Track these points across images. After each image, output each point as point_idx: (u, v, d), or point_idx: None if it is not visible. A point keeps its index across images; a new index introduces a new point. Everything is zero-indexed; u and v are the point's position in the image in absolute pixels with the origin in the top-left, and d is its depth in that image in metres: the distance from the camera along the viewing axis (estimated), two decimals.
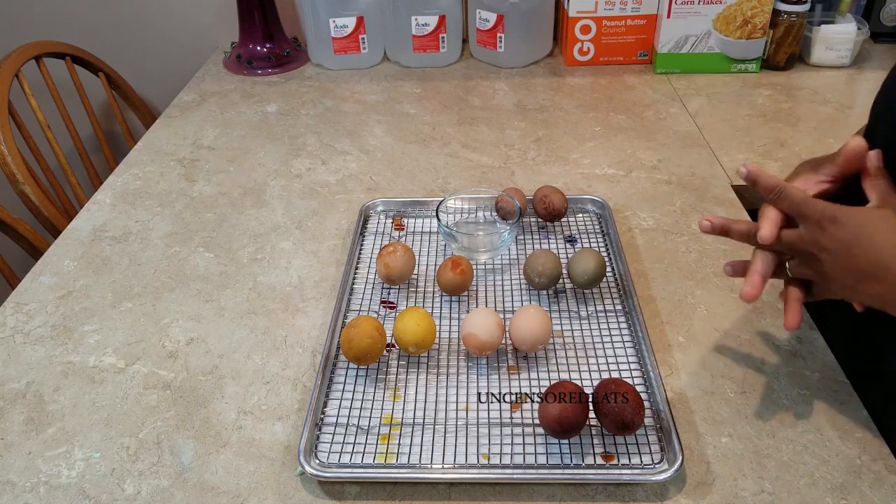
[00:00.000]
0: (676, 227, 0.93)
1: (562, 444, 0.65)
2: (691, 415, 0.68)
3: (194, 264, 0.91)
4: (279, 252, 0.92)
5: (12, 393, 0.74)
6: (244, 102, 1.31)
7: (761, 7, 1.25)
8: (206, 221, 0.99)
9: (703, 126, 1.16)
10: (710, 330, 0.77)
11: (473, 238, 0.86)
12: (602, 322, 0.78)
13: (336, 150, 1.15)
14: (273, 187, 1.06)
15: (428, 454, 0.64)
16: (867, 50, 1.37)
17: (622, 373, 0.72)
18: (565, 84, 1.33)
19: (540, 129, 1.18)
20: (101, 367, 0.76)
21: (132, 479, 0.64)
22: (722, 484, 0.62)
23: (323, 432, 0.67)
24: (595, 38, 1.35)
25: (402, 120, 1.23)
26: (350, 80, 1.38)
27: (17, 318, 0.83)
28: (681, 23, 1.28)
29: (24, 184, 1.15)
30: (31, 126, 1.30)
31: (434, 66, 1.42)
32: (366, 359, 0.70)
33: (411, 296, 0.83)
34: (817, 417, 0.67)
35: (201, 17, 1.53)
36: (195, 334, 0.80)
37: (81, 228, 0.98)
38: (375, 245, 0.90)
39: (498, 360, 0.74)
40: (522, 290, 0.83)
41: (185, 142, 1.19)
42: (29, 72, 1.32)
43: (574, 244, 0.90)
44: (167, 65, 1.59)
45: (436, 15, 1.35)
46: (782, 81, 1.29)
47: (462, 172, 1.07)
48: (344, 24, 1.37)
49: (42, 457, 0.67)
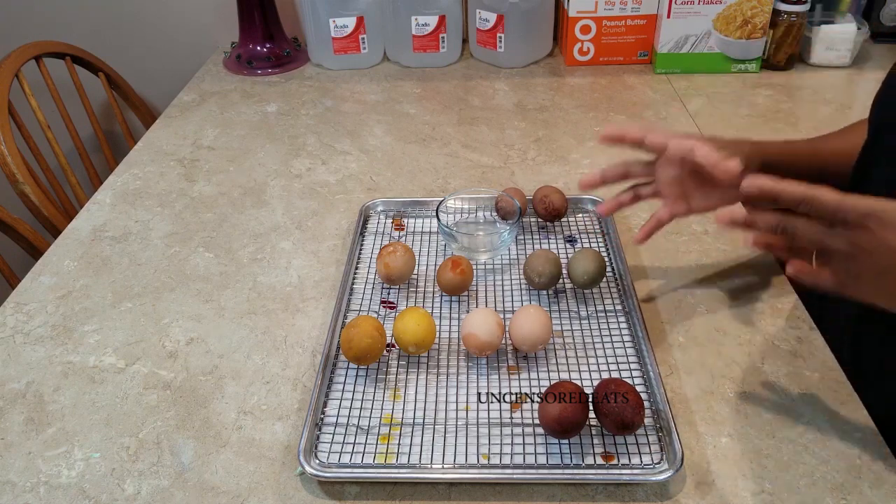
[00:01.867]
0: (676, 227, 0.93)
1: (562, 444, 0.65)
2: (691, 415, 0.68)
3: (194, 264, 0.91)
4: (279, 252, 0.92)
5: (12, 393, 0.74)
6: (244, 102, 1.31)
7: (761, 7, 1.25)
8: (206, 221, 0.99)
9: (703, 126, 1.16)
10: (710, 330, 0.77)
11: (473, 238, 0.86)
12: (602, 322, 0.78)
13: (336, 150, 1.15)
14: (273, 187, 1.06)
15: (428, 454, 0.64)
16: (867, 50, 1.37)
17: (622, 373, 0.72)
18: (565, 84, 1.33)
19: (540, 129, 1.18)
20: (101, 367, 0.76)
21: (132, 479, 0.64)
22: (722, 484, 0.62)
23: (323, 432, 0.67)
24: (595, 38, 1.35)
25: (402, 120, 1.23)
26: (350, 80, 1.38)
27: (17, 318, 0.83)
28: (681, 23, 1.28)
29: (24, 184, 1.15)
30: (31, 126, 1.30)
31: (434, 66, 1.42)
32: (366, 359, 0.70)
33: (411, 296, 0.83)
34: (817, 417, 0.67)
35: (201, 17, 1.53)
36: (195, 334, 0.80)
37: (81, 228, 0.98)
38: (375, 245, 0.90)
39: (498, 360, 0.74)
40: (522, 290, 0.83)
41: (185, 142, 1.19)
42: (29, 72, 1.32)
43: (574, 244, 0.90)
44: (167, 65, 1.59)
45: (436, 15, 1.35)
46: (782, 81, 1.29)
47: (462, 172, 1.07)
48: (344, 24, 1.37)
49: (42, 457, 0.67)
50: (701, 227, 0.93)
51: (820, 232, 0.55)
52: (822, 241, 0.55)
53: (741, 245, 0.59)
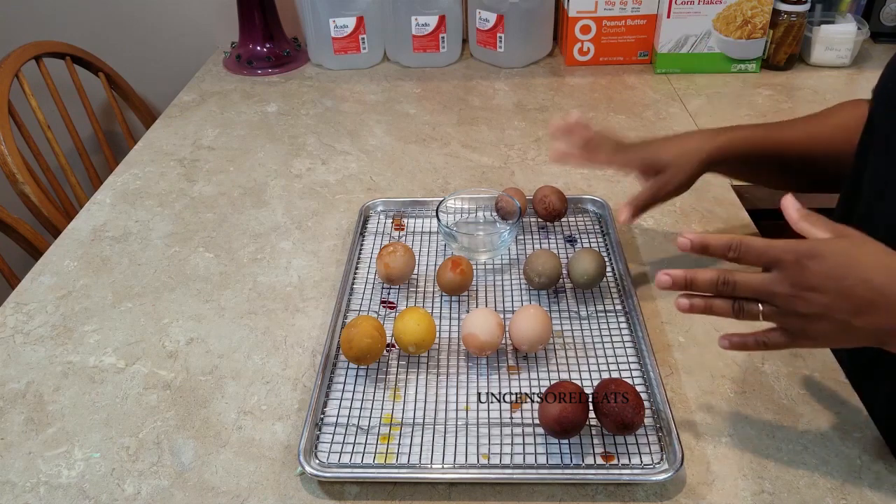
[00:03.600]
0: (676, 227, 0.93)
1: (562, 444, 0.65)
2: (691, 415, 0.68)
3: (194, 264, 0.91)
4: (279, 252, 0.92)
5: (12, 393, 0.74)
6: (244, 102, 1.31)
7: (761, 7, 1.25)
8: (206, 221, 0.99)
9: (704, 126, 1.16)
10: (710, 330, 0.77)
11: (473, 238, 0.86)
12: (602, 322, 0.78)
13: (336, 150, 1.15)
14: (273, 187, 1.06)
15: (428, 454, 0.64)
16: (867, 50, 1.37)
17: (622, 373, 0.72)
18: (565, 84, 1.33)
19: (540, 129, 1.18)
20: (101, 367, 0.76)
21: (132, 479, 0.64)
22: (722, 484, 0.62)
23: (323, 432, 0.67)
24: (595, 38, 1.35)
25: (402, 120, 1.23)
26: (350, 80, 1.38)
27: (17, 318, 0.83)
28: (681, 23, 1.28)
29: (24, 184, 1.15)
30: (31, 126, 1.30)
31: (434, 66, 1.42)
32: (366, 359, 0.70)
33: (411, 296, 0.83)
34: (817, 417, 0.67)
35: (201, 17, 1.53)
36: (195, 334, 0.80)
37: (81, 228, 0.98)
38: (375, 245, 0.90)
39: (498, 360, 0.74)
40: (522, 290, 0.83)
41: (185, 142, 1.19)
42: (29, 72, 1.32)
43: (574, 244, 0.90)
44: (167, 65, 1.59)
45: (436, 15, 1.35)
46: (782, 81, 1.29)
47: (462, 172, 1.07)
48: (344, 24, 1.37)
49: (42, 457, 0.67)
50: (701, 227, 0.93)
51: (759, 280, 0.54)
52: (764, 287, 0.54)
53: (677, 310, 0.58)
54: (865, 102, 0.79)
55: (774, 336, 0.56)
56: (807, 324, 0.54)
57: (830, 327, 0.54)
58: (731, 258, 0.55)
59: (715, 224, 0.93)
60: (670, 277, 0.57)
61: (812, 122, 0.80)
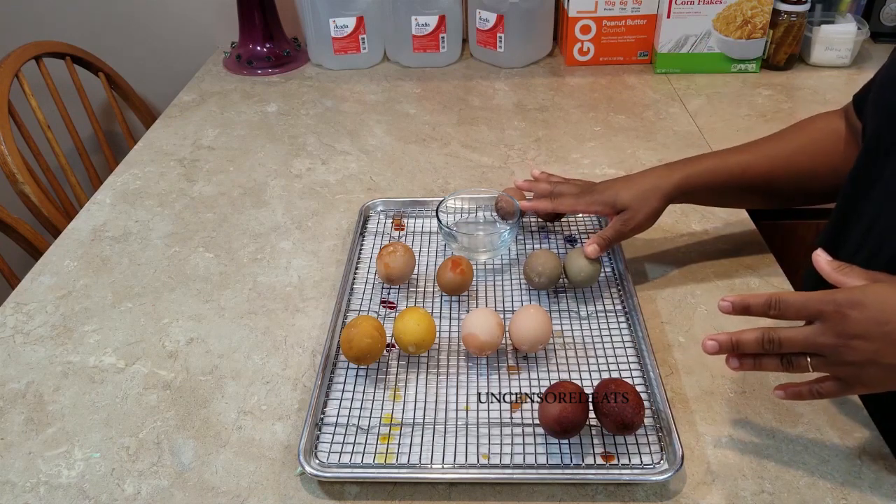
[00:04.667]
0: (676, 227, 0.93)
1: (562, 444, 0.65)
2: (691, 415, 0.68)
3: (194, 264, 0.91)
4: (279, 252, 0.92)
5: (12, 393, 0.74)
6: (244, 102, 1.31)
7: (761, 7, 1.25)
8: (206, 221, 0.99)
9: (703, 126, 1.16)
10: (709, 330, 0.77)
11: (473, 238, 0.86)
12: (602, 322, 0.78)
13: (336, 150, 1.15)
14: (273, 187, 1.06)
15: (428, 454, 0.64)
16: (867, 50, 1.37)
17: (622, 373, 0.72)
18: (565, 84, 1.33)
19: (540, 129, 1.18)
20: (101, 367, 0.76)
21: (132, 479, 0.64)
22: (722, 484, 0.62)
23: (323, 432, 0.67)
24: (595, 38, 1.35)
25: (402, 120, 1.23)
26: (350, 80, 1.38)
27: (17, 318, 0.83)
28: (681, 23, 1.28)
29: (24, 184, 1.15)
30: (31, 126, 1.30)
31: (434, 66, 1.42)
32: (366, 359, 0.70)
33: (411, 296, 0.83)
34: (817, 417, 0.67)
35: (201, 17, 1.53)
36: (195, 334, 0.80)
37: (81, 228, 0.98)
38: (375, 245, 0.90)
39: (498, 360, 0.74)
40: (522, 290, 0.83)
41: (185, 142, 1.19)
42: (29, 72, 1.32)
43: (574, 244, 0.90)
44: (167, 65, 1.59)
45: (436, 15, 1.35)
46: (782, 81, 1.29)
47: (462, 172, 1.07)
48: (344, 24, 1.37)
49: (42, 457, 0.67)
50: (701, 227, 0.93)
51: (804, 335, 0.55)
52: (809, 341, 0.55)
53: None
54: (837, 115, 0.80)
55: (827, 385, 0.57)
56: (858, 371, 0.54)
57: (882, 372, 0.54)
58: (773, 315, 0.56)
59: (714, 224, 0.93)
60: (717, 342, 0.58)
61: (774, 142, 0.81)
